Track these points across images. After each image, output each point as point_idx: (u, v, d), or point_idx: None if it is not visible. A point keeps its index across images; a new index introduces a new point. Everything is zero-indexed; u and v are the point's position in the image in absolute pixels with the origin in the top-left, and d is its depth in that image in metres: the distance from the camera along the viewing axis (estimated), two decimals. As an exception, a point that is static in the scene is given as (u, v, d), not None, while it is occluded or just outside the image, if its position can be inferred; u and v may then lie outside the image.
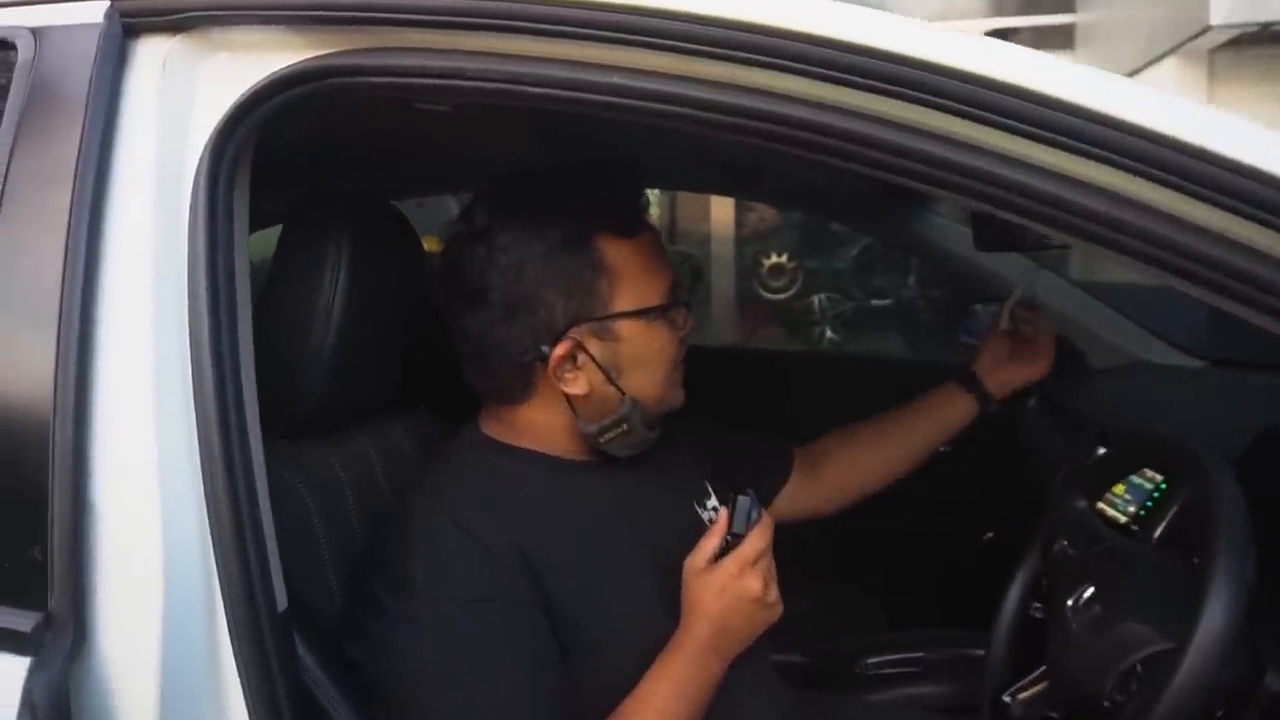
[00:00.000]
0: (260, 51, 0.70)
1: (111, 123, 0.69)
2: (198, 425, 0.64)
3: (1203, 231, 0.56)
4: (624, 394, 0.90)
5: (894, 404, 1.95)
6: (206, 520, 0.63)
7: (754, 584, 0.85)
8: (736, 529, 0.87)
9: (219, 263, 0.68)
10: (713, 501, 1.05)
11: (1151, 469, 1.16)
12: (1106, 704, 0.83)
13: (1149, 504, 1.21)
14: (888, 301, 5.45)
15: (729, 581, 0.85)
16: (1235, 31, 4.52)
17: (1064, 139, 0.56)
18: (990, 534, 2.00)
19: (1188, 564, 0.94)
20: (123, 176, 0.68)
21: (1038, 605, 1.08)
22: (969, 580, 1.87)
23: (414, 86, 0.69)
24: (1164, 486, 1.20)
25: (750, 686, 0.95)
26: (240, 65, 0.70)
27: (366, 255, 0.91)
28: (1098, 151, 0.57)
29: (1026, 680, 0.99)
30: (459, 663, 0.80)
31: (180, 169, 0.69)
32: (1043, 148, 0.57)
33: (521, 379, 0.90)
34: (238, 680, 0.63)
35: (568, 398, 0.89)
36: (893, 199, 1.74)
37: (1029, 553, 1.09)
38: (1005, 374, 1.28)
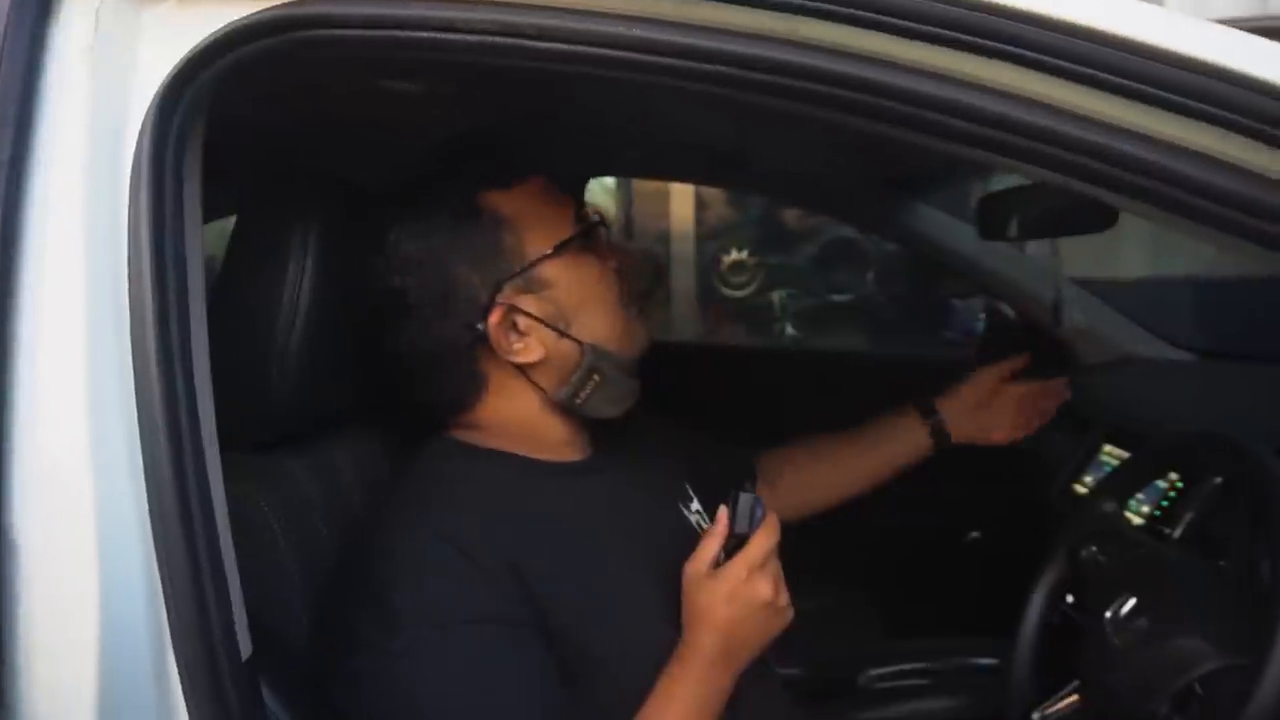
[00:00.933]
0: (211, 1, 0.59)
1: (31, 87, 0.58)
2: (142, 443, 0.54)
3: None
4: (581, 343, 0.84)
5: (858, 399, 1.93)
6: (154, 560, 0.53)
7: (764, 588, 0.79)
8: (739, 529, 0.81)
9: (166, 249, 0.57)
10: (696, 504, 0.99)
11: (1175, 470, 1.10)
12: (1161, 727, 0.77)
13: (1164, 503, 1.17)
14: (848, 298, 5.46)
15: (737, 586, 0.79)
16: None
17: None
18: (975, 534, 1.97)
19: (1230, 565, 0.88)
20: (47, 149, 0.57)
21: (1064, 613, 1.02)
22: (959, 580, 1.84)
23: (392, 41, 0.59)
24: (1180, 485, 1.16)
25: (759, 706, 0.88)
26: (189, 15, 0.59)
27: (337, 245, 0.81)
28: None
29: (1059, 698, 0.92)
30: (455, 695, 0.73)
31: (117, 140, 0.58)
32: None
33: (472, 372, 0.84)
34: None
35: (526, 374, 0.84)
36: (885, 190, 1.68)
37: (1052, 559, 1.02)
38: (972, 424, 1.28)
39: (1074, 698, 0.92)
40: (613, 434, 0.91)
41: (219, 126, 0.66)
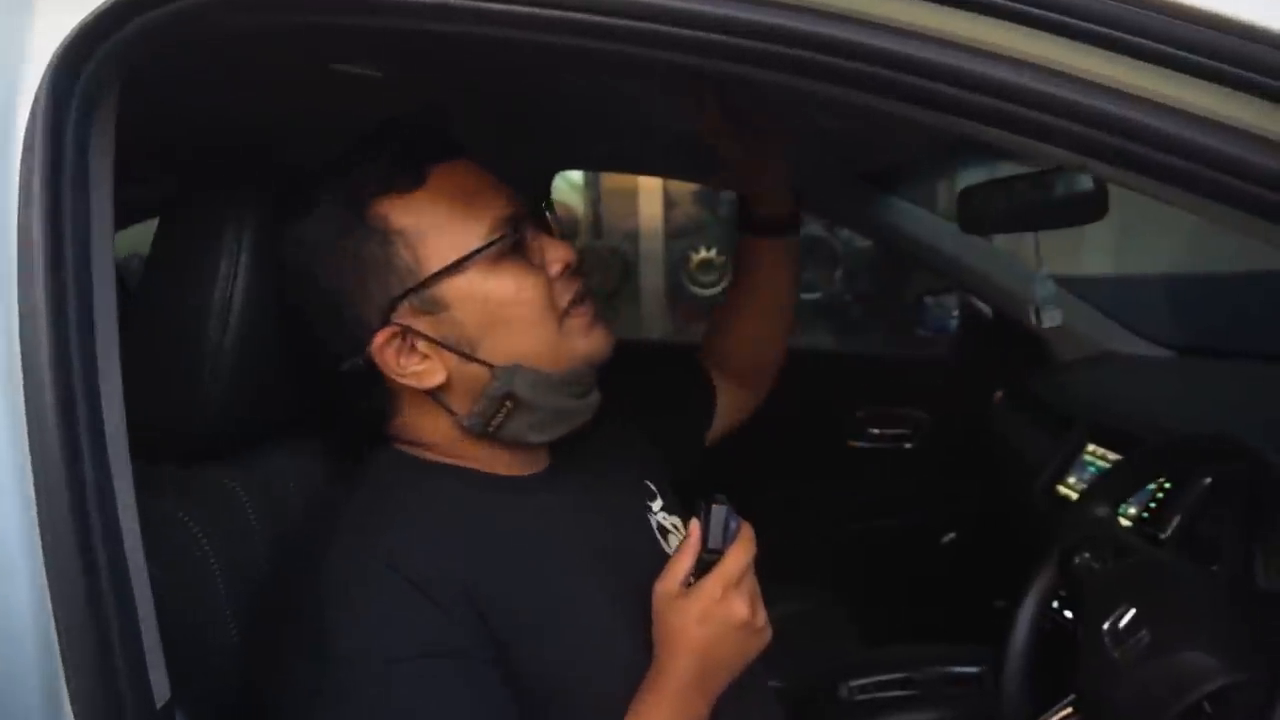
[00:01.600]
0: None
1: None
2: (32, 464, 0.46)
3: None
4: (492, 365, 0.75)
5: (829, 396, 1.88)
6: (48, 598, 0.45)
7: (739, 607, 0.73)
8: (713, 544, 0.74)
9: (65, 240, 0.50)
10: (658, 503, 0.92)
11: (1162, 472, 1.07)
12: (1169, 747, 0.72)
13: (1152, 505, 1.13)
14: (815, 295, 5.46)
15: (710, 606, 0.73)
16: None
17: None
18: (951, 535, 1.93)
19: (1223, 567, 0.84)
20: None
21: (1054, 620, 0.98)
22: (936, 583, 1.81)
23: (330, 6, 0.52)
24: (1168, 487, 1.12)
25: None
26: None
27: (273, 238, 0.74)
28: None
29: (1054, 713, 0.87)
30: None
31: (7, 113, 0.51)
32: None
33: (381, 390, 0.77)
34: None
35: (435, 397, 0.76)
36: (860, 184, 1.63)
37: (1043, 565, 0.98)
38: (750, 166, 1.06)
39: (1069, 711, 0.87)
40: (572, 440, 0.83)
41: (147, 119, 0.59)
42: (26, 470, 0.46)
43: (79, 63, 0.52)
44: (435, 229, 0.73)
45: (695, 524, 0.75)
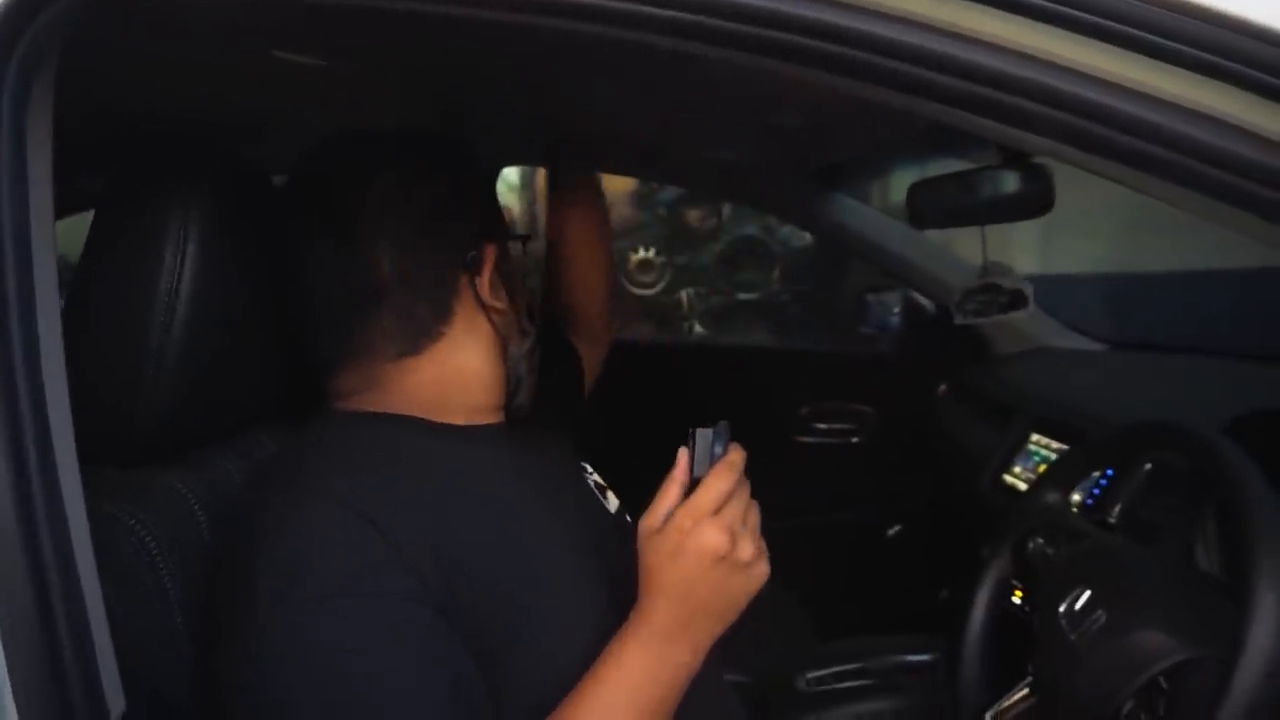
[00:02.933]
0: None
1: None
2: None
3: None
4: (518, 313, 0.85)
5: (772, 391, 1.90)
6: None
7: (713, 538, 0.65)
8: (699, 473, 0.68)
9: (4, 234, 0.47)
10: (589, 467, 0.94)
11: (1109, 462, 1.10)
12: (1127, 723, 0.74)
13: (1096, 491, 1.16)
14: (754, 295, 5.52)
15: (683, 540, 0.66)
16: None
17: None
18: (898, 527, 1.97)
19: (1165, 550, 0.87)
20: None
21: (1006, 610, 1.00)
22: (884, 575, 1.84)
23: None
24: (1111, 474, 1.16)
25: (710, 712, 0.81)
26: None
27: (223, 226, 0.70)
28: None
29: (1011, 698, 0.89)
30: (331, 681, 0.59)
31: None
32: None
33: (439, 312, 0.78)
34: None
35: (492, 321, 0.81)
36: (805, 181, 1.65)
37: (997, 553, 1.00)
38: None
39: (1026, 693, 0.89)
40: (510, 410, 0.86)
41: (82, 110, 0.56)
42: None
43: (12, 36, 0.48)
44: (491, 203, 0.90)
45: (683, 452, 0.70)
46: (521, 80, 1.14)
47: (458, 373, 0.79)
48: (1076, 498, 1.17)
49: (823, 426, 1.95)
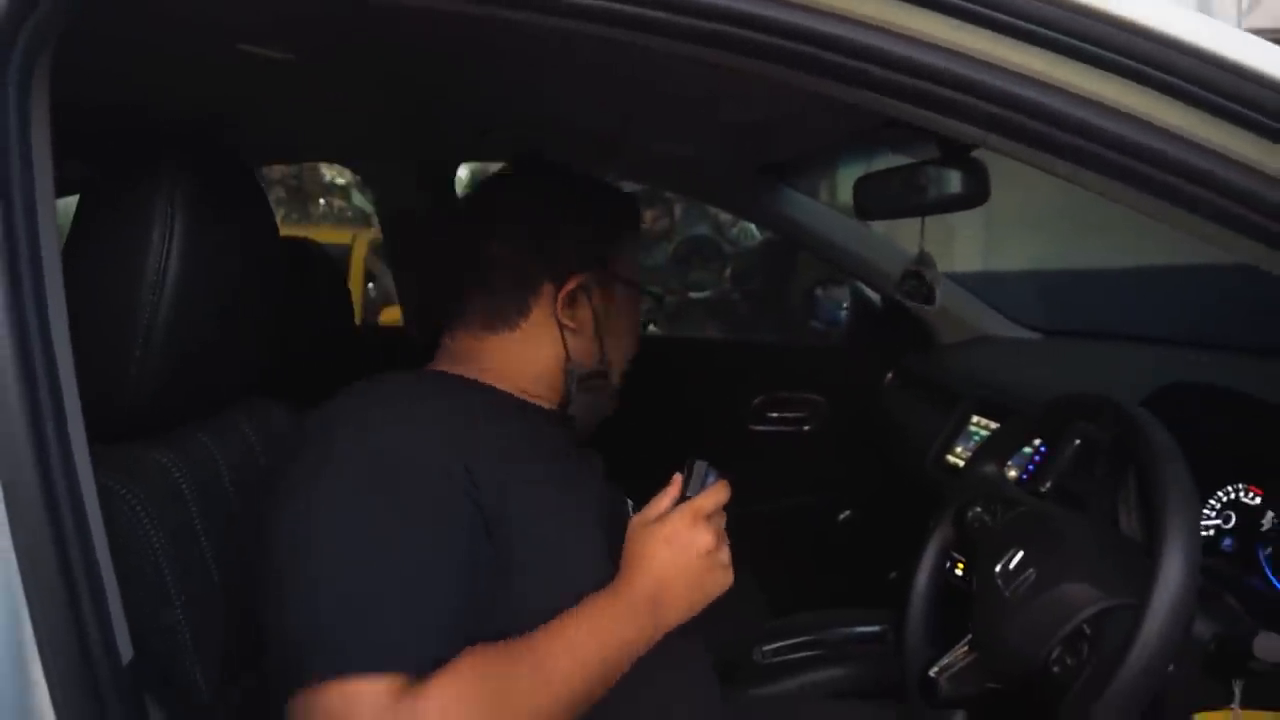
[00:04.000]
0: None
1: None
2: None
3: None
4: (603, 353, 0.95)
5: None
6: (14, 559, 0.45)
7: (705, 536, 0.79)
8: (690, 493, 0.82)
9: (16, 218, 0.49)
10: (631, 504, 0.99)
11: (1038, 436, 1.17)
12: (1055, 668, 0.80)
13: (1030, 467, 1.24)
14: (705, 294, 5.59)
15: (679, 529, 0.79)
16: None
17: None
18: (848, 512, 2.04)
19: (1091, 516, 0.94)
20: None
21: (952, 578, 1.06)
22: (835, 557, 1.91)
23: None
24: (1044, 450, 1.24)
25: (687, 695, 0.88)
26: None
27: (207, 210, 0.73)
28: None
29: (953, 655, 0.95)
30: (359, 537, 0.68)
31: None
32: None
33: (520, 305, 0.91)
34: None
35: (563, 334, 0.92)
36: (757, 175, 1.71)
37: (939, 522, 1.06)
38: None
39: (966, 650, 0.95)
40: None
41: (67, 98, 0.58)
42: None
43: (15, 28, 0.51)
44: (632, 250, 0.99)
45: (678, 475, 0.84)
46: (478, 74, 1.18)
47: (523, 360, 0.91)
48: (1013, 473, 1.25)
49: (775, 416, 2.01)
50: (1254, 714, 0.79)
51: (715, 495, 0.82)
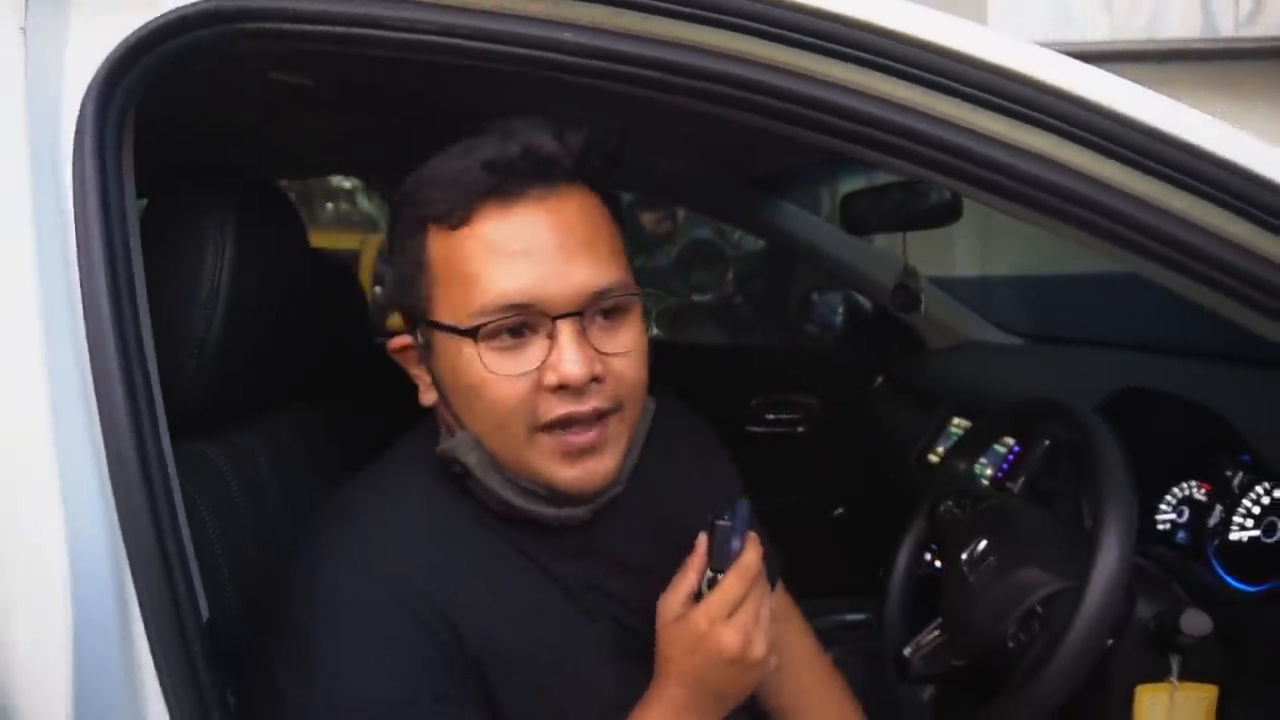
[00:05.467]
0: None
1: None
2: (100, 416, 0.55)
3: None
4: (461, 425, 0.73)
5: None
6: (118, 524, 0.54)
7: (729, 640, 0.70)
8: (716, 565, 0.72)
9: (114, 231, 0.59)
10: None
11: (1010, 435, 1.26)
12: (1011, 645, 0.89)
13: (1004, 466, 1.33)
14: (707, 297, 5.67)
15: (697, 640, 0.71)
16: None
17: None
18: (841, 510, 2.12)
19: (1058, 512, 1.03)
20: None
21: (927, 567, 1.15)
22: (828, 553, 1.99)
23: (339, 38, 0.63)
24: (1018, 450, 1.32)
25: None
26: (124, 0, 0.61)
27: (253, 235, 0.82)
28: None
29: (924, 635, 1.04)
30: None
31: (55, 116, 0.59)
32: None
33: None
34: (162, 702, 0.54)
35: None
36: (752, 189, 1.80)
37: (915, 517, 1.15)
38: None
39: (937, 632, 1.04)
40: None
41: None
42: (95, 430, 0.55)
43: (116, 80, 0.60)
44: (447, 281, 0.70)
45: (701, 539, 0.73)
46: (479, 97, 1.27)
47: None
48: (989, 471, 1.34)
49: (771, 417, 2.09)
50: (1190, 685, 0.88)
51: (732, 587, 0.71)
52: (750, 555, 0.73)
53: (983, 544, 0.98)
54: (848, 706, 1.01)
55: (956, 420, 1.51)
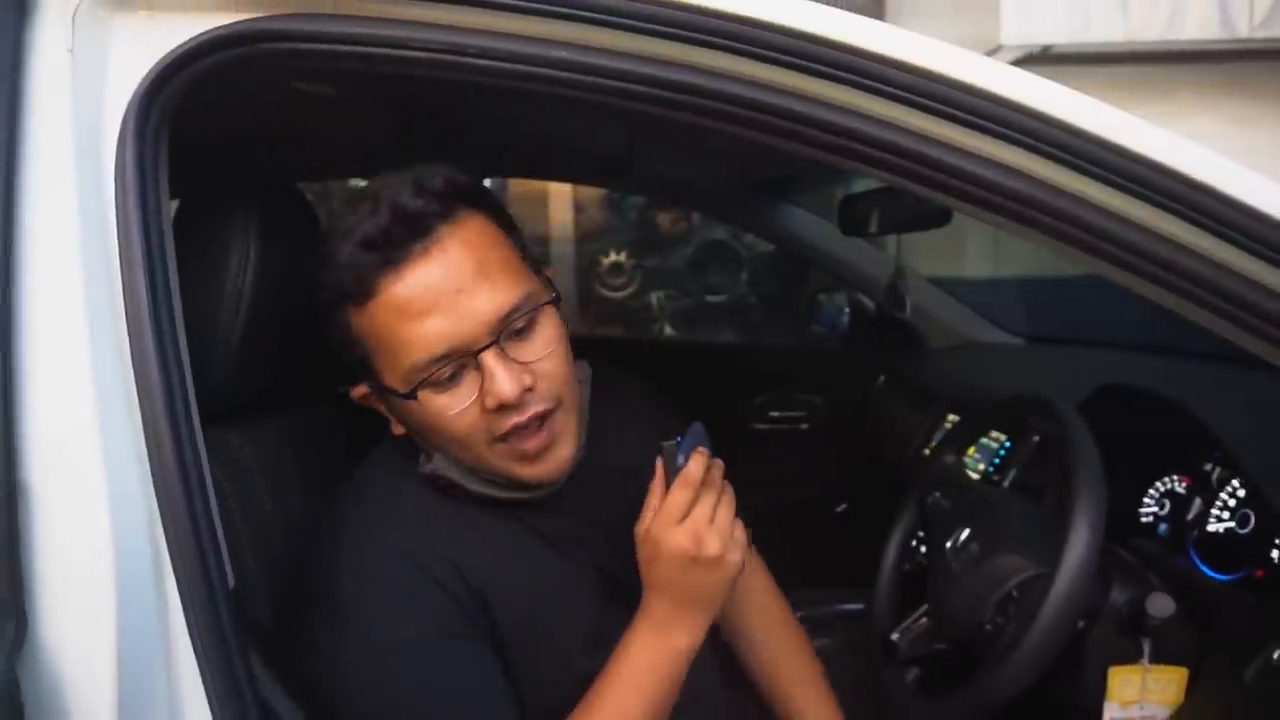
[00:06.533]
0: (181, 11, 0.67)
1: (18, 87, 0.63)
2: (139, 398, 0.61)
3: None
4: (431, 447, 0.83)
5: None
6: (154, 498, 0.60)
7: (681, 541, 0.77)
8: (670, 480, 0.80)
9: (152, 236, 0.65)
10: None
11: (998, 429, 1.31)
12: (988, 627, 0.94)
13: (996, 460, 1.37)
14: (722, 298, 5.70)
15: (655, 546, 0.79)
16: (1022, 52, 5.06)
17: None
18: (844, 505, 2.17)
19: (1042, 504, 1.07)
20: (36, 144, 0.63)
21: (911, 560, 1.20)
22: (831, 548, 2.04)
23: (347, 56, 0.68)
24: (1009, 445, 1.37)
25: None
26: (156, 24, 0.66)
27: (276, 238, 0.88)
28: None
29: (910, 620, 1.09)
30: (403, 706, 0.77)
31: (97, 132, 0.65)
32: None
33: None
34: (193, 658, 0.60)
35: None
36: (759, 193, 1.85)
37: (905, 508, 1.20)
38: None
39: (923, 619, 1.09)
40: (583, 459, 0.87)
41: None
42: (135, 411, 0.61)
43: (154, 96, 0.66)
44: (375, 350, 0.78)
45: (659, 464, 0.80)
46: (490, 104, 1.32)
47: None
48: (982, 467, 1.38)
49: (776, 414, 2.14)
50: (1161, 668, 0.92)
51: (677, 496, 0.78)
52: (693, 465, 0.80)
53: (966, 532, 1.03)
54: (810, 666, 1.11)
55: (951, 416, 1.56)
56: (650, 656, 0.81)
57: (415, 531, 0.81)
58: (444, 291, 0.75)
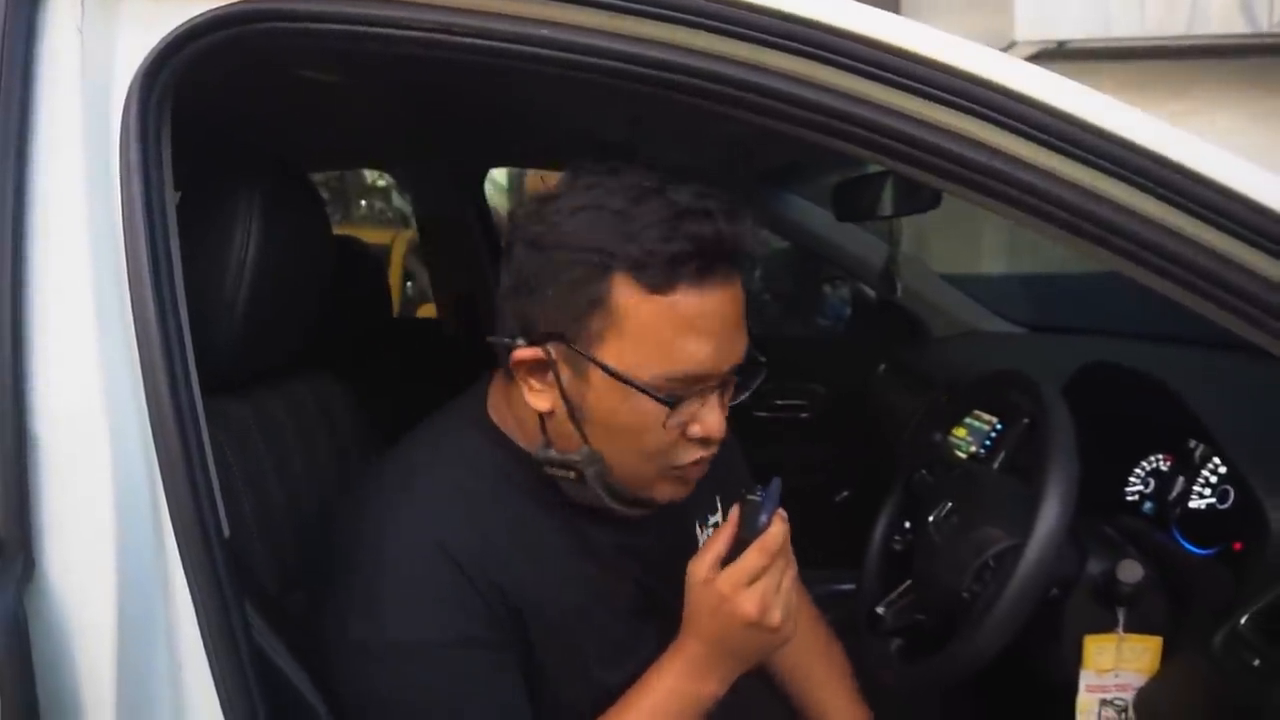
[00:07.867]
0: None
1: (30, 64, 0.67)
2: (140, 354, 0.65)
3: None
4: (586, 441, 0.79)
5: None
6: (153, 449, 0.64)
7: (748, 607, 0.77)
8: (745, 533, 0.78)
9: (154, 208, 0.68)
10: (716, 518, 0.98)
11: (987, 411, 1.33)
12: (965, 595, 0.96)
13: (987, 443, 1.39)
14: (738, 293, 5.73)
15: (720, 603, 0.78)
16: (1037, 47, 5.04)
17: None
18: (846, 493, 2.19)
19: (1029, 484, 1.09)
20: (46, 119, 0.66)
21: (900, 537, 1.22)
22: (831, 535, 2.06)
23: (344, 35, 0.71)
24: (1000, 427, 1.38)
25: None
26: (165, 4, 0.70)
27: (278, 212, 0.92)
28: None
29: (895, 594, 1.11)
30: (430, 714, 0.77)
31: (105, 105, 0.68)
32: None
33: (501, 352, 0.81)
34: (190, 603, 0.64)
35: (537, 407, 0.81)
36: (762, 182, 1.87)
37: (893, 487, 1.22)
38: None
39: (910, 595, 1.11)
40: None
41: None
42: (137, 373, 0.65)
43: (157, 72, 0.70)
44: (633, 337, 0.74)
45: (734, 510, 0.80)
46: (496, 90, 1.35)
47: (520, 419, 0.84)
48: (973, 448, 1.40)
49: (779, 403, 2.16)
50: (1136, 637, 0.95)
51: (756, 557, 0.77)
52: (775, 530, 0.79)
53: (949, 506, 1.05)
54: (838, 667, 1.12)
55: (944, 399, 1.57)
56: (677, 700, 0.81)
57: (463, 532, 0.79)
58: (727, 323, 0.77)
